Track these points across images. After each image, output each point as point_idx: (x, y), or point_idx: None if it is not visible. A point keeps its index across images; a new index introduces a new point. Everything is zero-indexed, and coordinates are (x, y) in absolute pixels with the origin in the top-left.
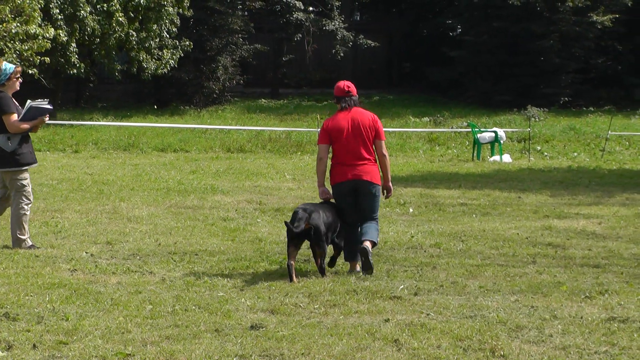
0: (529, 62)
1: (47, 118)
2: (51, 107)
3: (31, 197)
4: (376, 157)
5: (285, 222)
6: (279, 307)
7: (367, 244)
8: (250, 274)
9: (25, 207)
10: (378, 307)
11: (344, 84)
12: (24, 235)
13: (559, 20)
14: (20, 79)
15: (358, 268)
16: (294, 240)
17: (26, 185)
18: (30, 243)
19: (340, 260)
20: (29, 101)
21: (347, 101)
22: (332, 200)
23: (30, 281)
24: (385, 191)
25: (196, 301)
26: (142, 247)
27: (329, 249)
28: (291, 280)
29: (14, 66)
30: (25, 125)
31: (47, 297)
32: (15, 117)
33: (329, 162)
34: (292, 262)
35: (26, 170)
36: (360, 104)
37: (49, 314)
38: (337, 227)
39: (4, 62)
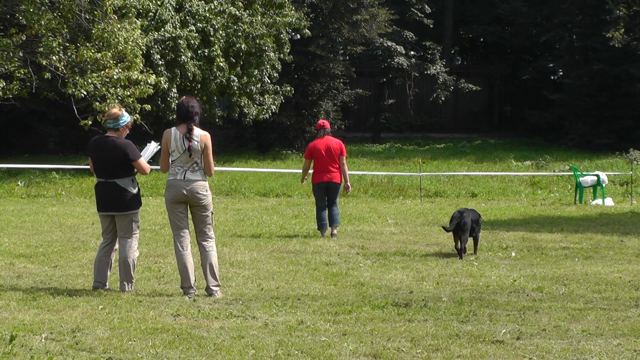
0: (629, 105)
1: None
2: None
3: None
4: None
5: (442, 227)
6: (381, 351)
7: (335, 232)
8: (352, 318)
9: (137, 249)
10: (480, 351)
11: (323, 122)
12: (134, 277)
13: None
14: (128, 130)
15: (335, 231)
16: (454, 234)
17: (139, 227)
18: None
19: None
20: (153, 143)
21: (323, 132)
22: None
23: (133, 326)
24: (344, 189)
25: (299, 346)
26: (244, 292)
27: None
28: (460, 257)
29: (130, 117)
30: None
31: (150, 342)
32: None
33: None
34: (458, 246)
35: None
36: (330, 134)
37: (152, 358)
38: (479, 226)
39: (123, 111)
